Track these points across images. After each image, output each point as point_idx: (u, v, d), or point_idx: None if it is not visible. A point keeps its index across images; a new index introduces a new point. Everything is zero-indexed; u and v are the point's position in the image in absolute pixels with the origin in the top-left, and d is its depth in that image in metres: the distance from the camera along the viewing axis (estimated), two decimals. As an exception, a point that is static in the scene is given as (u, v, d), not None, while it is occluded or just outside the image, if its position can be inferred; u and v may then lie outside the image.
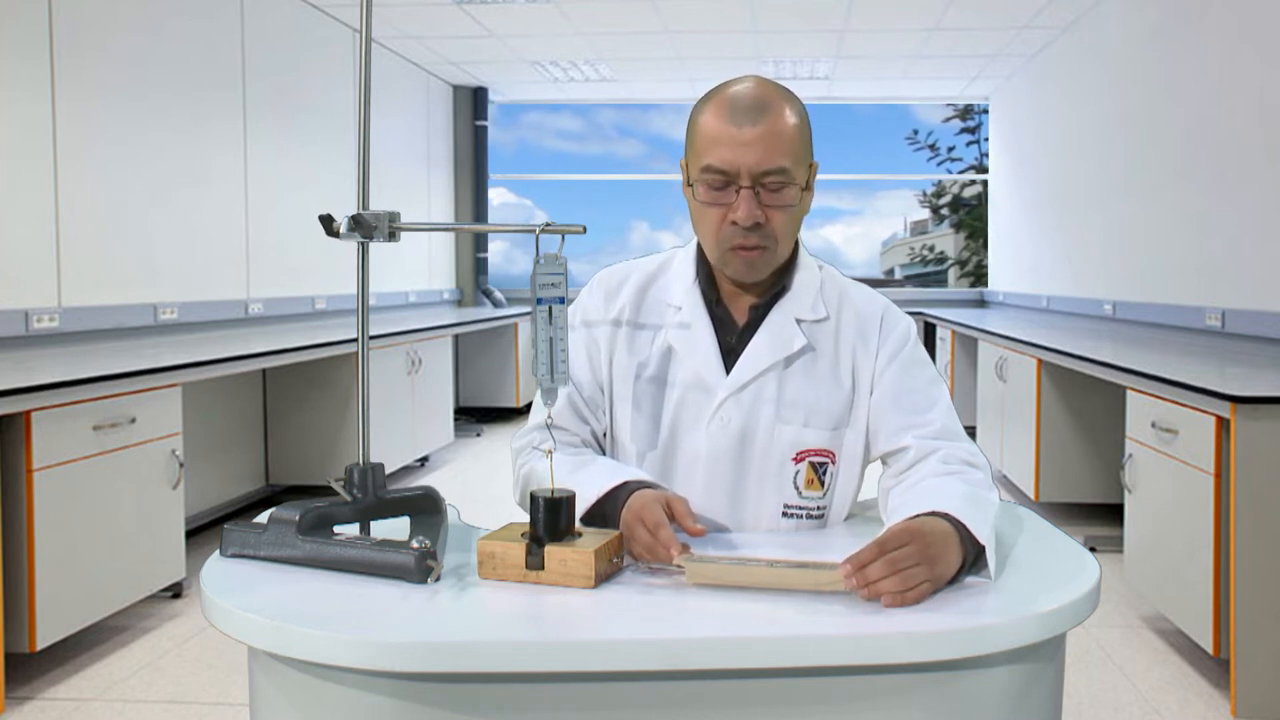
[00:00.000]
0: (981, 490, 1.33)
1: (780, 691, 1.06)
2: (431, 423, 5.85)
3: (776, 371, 1.44)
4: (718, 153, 1.36)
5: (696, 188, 1.40)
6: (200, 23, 4.80)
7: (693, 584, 1.16)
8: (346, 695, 1.06)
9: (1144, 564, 3.27)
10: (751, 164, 1.35)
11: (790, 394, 1.43)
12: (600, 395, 1.50)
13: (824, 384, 1.44)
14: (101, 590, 3.05)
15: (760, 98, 1.37)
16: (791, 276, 1.48)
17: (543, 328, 1.25)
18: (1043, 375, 4.49)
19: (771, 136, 1.35)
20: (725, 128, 1.36)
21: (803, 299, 1.47)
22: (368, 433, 1.32)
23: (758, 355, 1.44)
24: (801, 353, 1.45)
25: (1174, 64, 4.64)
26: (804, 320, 1.46)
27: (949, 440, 1.41)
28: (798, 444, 1.43)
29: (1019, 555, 1.30)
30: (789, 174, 1.36)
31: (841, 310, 1.49)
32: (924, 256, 9.67)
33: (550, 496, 1.20)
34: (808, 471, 1.44)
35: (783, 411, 1.43)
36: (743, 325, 1.47)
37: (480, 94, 8.44)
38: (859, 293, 1.52)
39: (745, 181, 1.35)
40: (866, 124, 9.39)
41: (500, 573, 1.18)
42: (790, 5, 5.91)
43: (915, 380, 1.46)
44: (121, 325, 4.17)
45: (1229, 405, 2.66)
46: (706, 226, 1.41)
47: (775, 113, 1.37)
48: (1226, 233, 4.09)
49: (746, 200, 1.36)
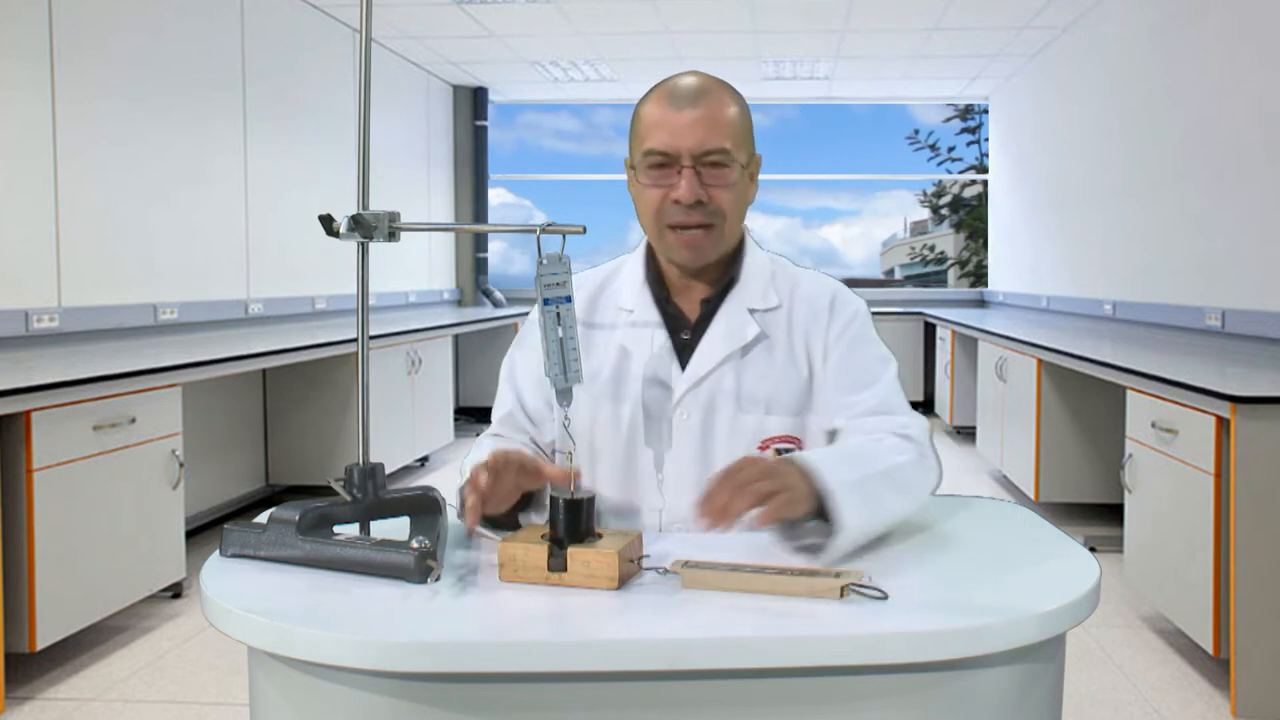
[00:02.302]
0: (878, 450, 1.32)
1: (780, 691, 1.06)
2: (431, 423, 5.85)
3: (733, 363, 1.44)
4: (658, 136, 1.38)
5: (638, 172, 1.41)
6: (200, 23, 4.81)
7: (687, 587, 1.16)
8: (346, 695, 1.06)
9: (1144, 564, 3.27)
10: (692, 145, 1.36)
11: (749, 384, 1.43)
12: (548, 410, 1.51)
13: (782, 371, 1.44)
14: (101, 590, 3.05)
15: (699, 85, 1.40)
16: (739, 267, 1.48)
17: (551, 328, 1.24)
18: (1043, 375, 4.49)
19: (711, 118, 1.37)
20: (665, 113, 1.38)
21: (753, 288, 1.47)
22: (368, 433, 1.32)
23: (712, 348, 1.44)
24: (756, 342, 1.45)
25: (1174, 64, 4.64)
26: (756, 310, 1.46)
27: (883, 416, 1.41)
28: (761, 432, 1.43)
29: (1019, 555, 1.30)
30: (729, 154, 1.38)
31: (794, 297, 1.49)
32: (924, 256, 9.68)
33: (571, 498, 1.19)
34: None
35: (743, 402, 1.43)
36: (695, 320, 1.47)
37: (480, 94, 8.44)
38: (809, 279, 1.52)
39: (686, 161, 1.37)
40: (866, 124, 9.39)
41: (522, 575, 1.17)
42: (790, 5, 5.91)
43: (860, 358, 1.46)
44: (121, 325, 4.17)
45: (1229, 405, 2.67)
46: (647, 207, 1.42)
47: (715, 98, 1.39)
48: (1226, 233, 4.09)
49: (688, 178, 1.37)
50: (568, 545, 1.17)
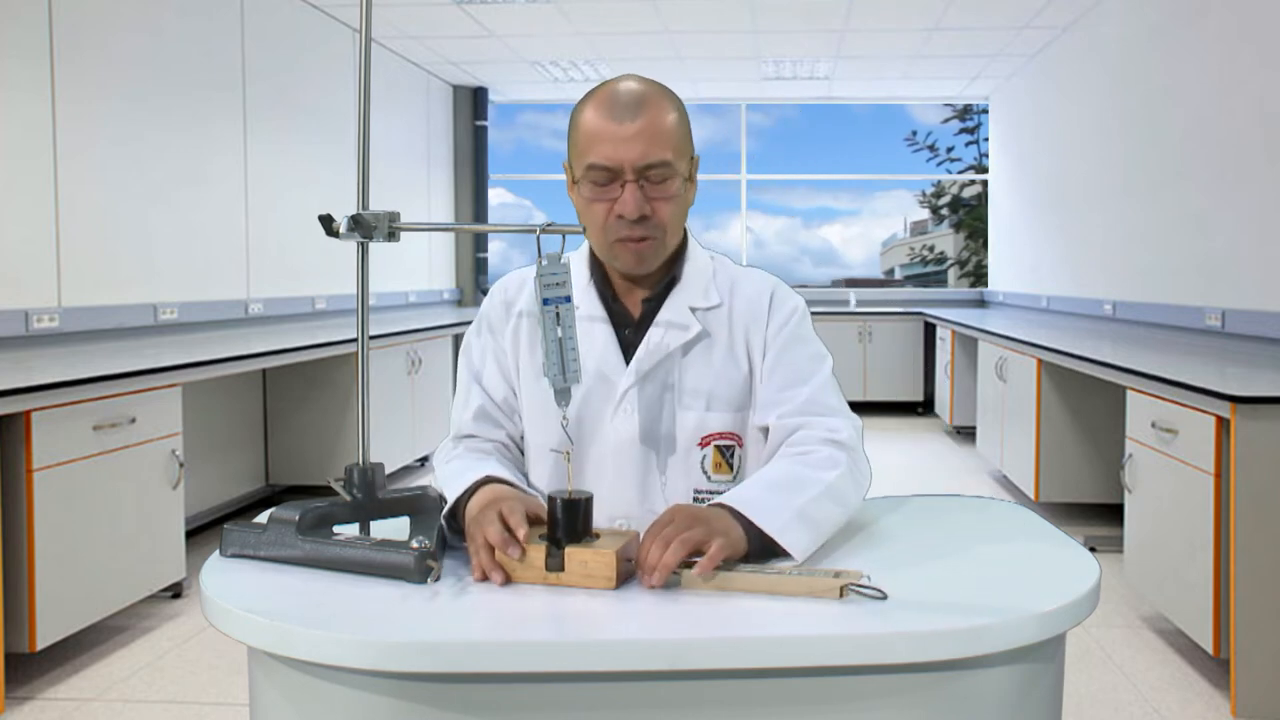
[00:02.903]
0: (809, 470, 1.33)
1: (781, 691, 1.06)
2: (431, 423, 5.85)
3: (675, 359, 1.46)
4: (600, 149, 1.38)
5: (582, 185, 1.41)
6: (200, 23, 4.81)
7: (687, 588, 1.16)
8: (346, 695, 1.06)
9: (1144, 564, 3.27)
10: (634, 158, 1.37)
11: (690, 380, 1.46)
12: (514, 398, 1.52)
13: (722, 368, 1.47)
14: (101, 590, 3.05)
15: (638, 94, 1.40)
16: (681, 266, 1.51)
17: (550, 328, 1.25)
18: (1043, 375, 4.49)
19: (652, 130, 1.37)
20: (606, 124, 1.38)
21: (694, 287, 1.49)
22: (368, 433, 1.32)
23: (654, 345, 1.46)
24: (698, 339, 1.47)
25: (1174, 64, 4.64)
26: (698, 308, 1.48)
27: (812, 416, 1.42)
28: (701, 429, 1.45)
29: (1019, 555, 1.30)
30: (671, 166, 1.39)
31: (734, 295, 1.51)
32: (924, 256, 9.68)
33: (568, 498, 1.19)
34: (714, 455, 1.45)
35: (684, 398, 1.45)
36: (638, 318, 1.49)
37: (480, 94, 8.44)
38: (748, 277, 1.54)
39: (629, 176, 1.38)
40: (866, 124, 9.39)
41: (519, 574, 1.18)
42: (790, 5, 5.91)
43: (794, 356, 1.47)
44: (121, 325, 4.17)
45: (1229, 405, 2.67)
46: (593, 221, 1.42)
47: (654, 107, 1.39)
48: (1226, 233, 4.09)
49: (632, 193, 1.38)
50: (565, 545, 1.17)
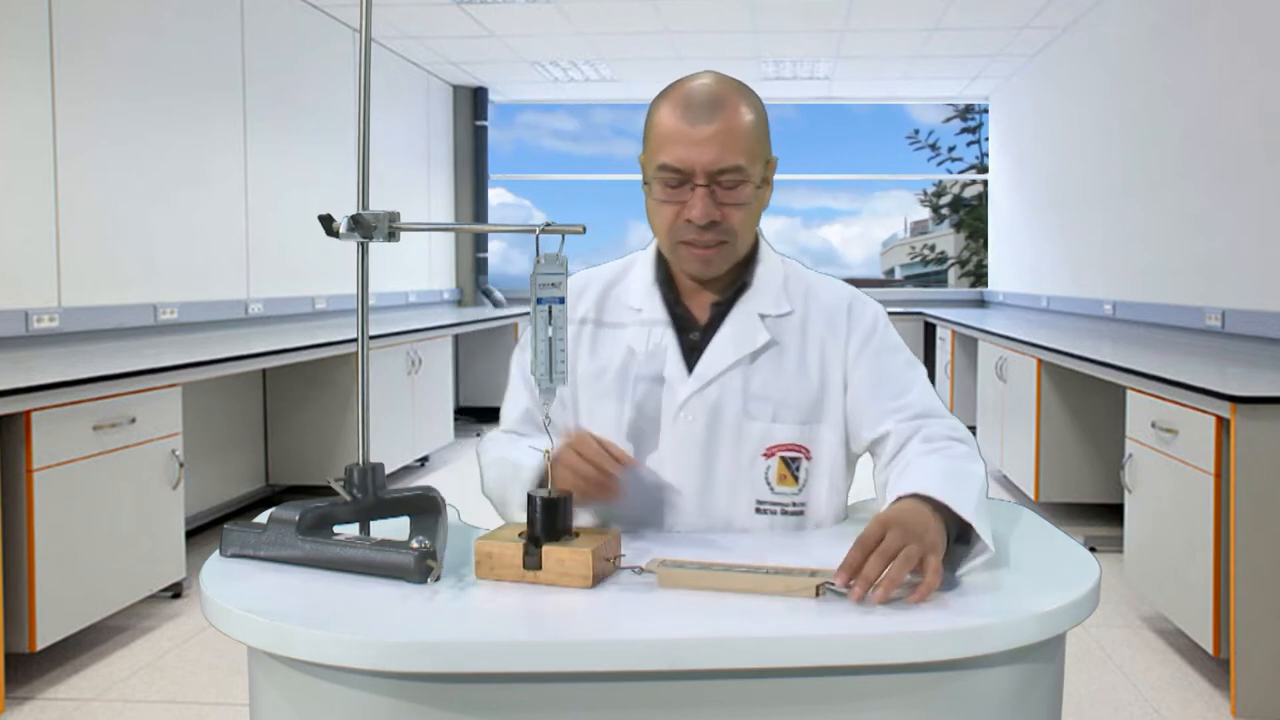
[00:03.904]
0: (964, 463, 1.32)
1: (780, 691, 1.06)
2: (431, 423, 5.85)
3: (741, 368, 1.42)
4: (673, 151, 1.35)
5: (653, 185, 1.39)
6: (200, 23, 4.80)
7: (664, 588, 1.16)
8: (346, 695, 1.06)
9: (1144, 564, 3.27)
10: (706, 162, 1.34)
11: (757, 389, 1.42)
12: (562, 407, 1.49)
13: (791, 379, 1.43)
14: (101, 590, 3.05)
15: (715, 94, 1.36)
16: (752, 272, 1.47)
17: (541, 328, 1.24)
18: (1043, 375, 4.49)
19: (727, 134, 1.34)
20: (680, 126, 1.35)
21: (765, 294, 1.46)
22: (368, 433, 1.32)
23: (720, 352, 1.43)
24: (766, 348, 1.43)
25: (1174, 64, 4.64)
26: (768, 315, 1.45)
27: (932, 418, 1.41)
28: (767, 439, 1.41)
29: (1019, 555, 1.30)
30: (744, 171, 1.36)
31: (808, 303, 1.47)
32: (924, 256, 9.68)
33: (547, 496, 1.20)
34: (779, 467, 1.42)
35: (749, 407, 1.41)
36: (705, 323, 1.46)
37: (480, 94, 8.44)
38: (825, 284, 1.51)
39: (700, 180, 1.35)
40: (866, 124, 9.39)
41: (497, 573, 1.18)
42: (790, 5, 5.91)
43: (889, 365, 1.45)
44: (121, 325, 4.17)
45: (1229, 405, 2.67)
46: (661, 222, 1.40)
47: (730, 109, 1.36)
48: (1226, 233, 4.09)
49: (701, 198, 1.35)
50: (544, 543, 1.17)
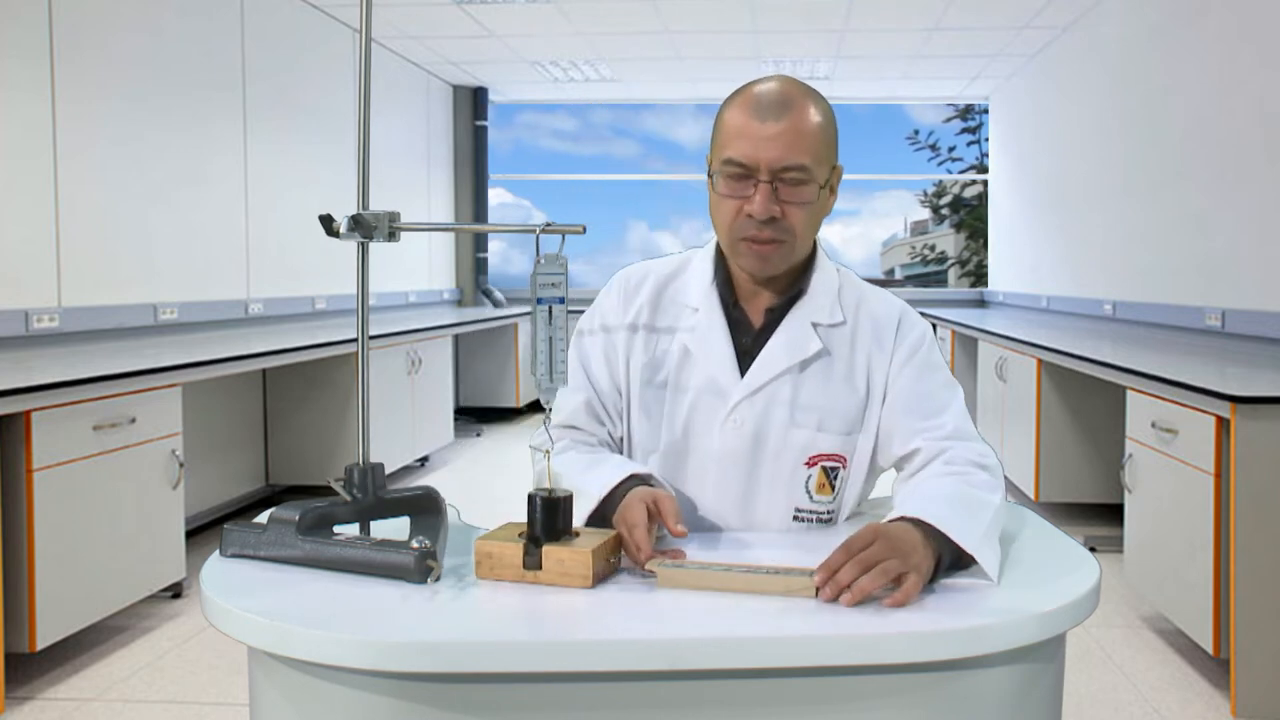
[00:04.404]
0: (979, 491, 1.32)
1: (779, 691, 1.06)
2: (431, 423, 5.85)
3: (791, 375, 1.43)
4: (738, 146, 1.36)
5: (716, 179, 1.40)
6: (200, 23, 4.80)
7: (663, 588, 1.16)
8: (346, 695, 1.06)
9: (1144, 564, 3.27)
10: (771, 159, 1.34)
11: (805, 398, 1.43)
12: (619, 399, 1.50)
13: (839, 389, 1.44)
14: (101, 590, 3.05)
15: (785, 94, 1.37)
16: (809, 279, 1.47)
17: (542, 327, 1.25)
18: (1043, 375, 4.49)
19: (793, 133, 1.35)
20: (748, 122, 1.36)
21: (820, 303, 1.46)
22: (368, 433, 1.32)
23: (773, 359, 1.43)
24: (817, 357, 1.44)
25: (1174, 64, 4.64)
26: (820, 324, 1.45)
27: (960, 441, 1.41)
28: (811, 448, 1.42)
29: (1019, 555, 1.30)
30: (809, 171, 1.36)
31: (859, 315, 1.48)
32: (924, 256, 9.67)
33: (548, 496, 1.20)
34: (820, 476, 1.43)
35: (797, 415, 1.42)
36: (759, 327, 1.47)
37: (480, 94, 8.44)
38: (876, 297, 1.51)
39: (764, 176, 1.35)
40: (866, 124, 9.38)
41: (497, 572, 1.18)
42: (790, 5, 5.91)
43: (928, 384, 1.45)
44: (121, 325, 4.17)
45: (1229, 405, 2.66)
46: (722, 217, 1.41)
47: (799, 110, 1.36)
48: (1226, 233, 4.09)
49: (763, 194, 1.35)
50: (544, 543, 1.18)
